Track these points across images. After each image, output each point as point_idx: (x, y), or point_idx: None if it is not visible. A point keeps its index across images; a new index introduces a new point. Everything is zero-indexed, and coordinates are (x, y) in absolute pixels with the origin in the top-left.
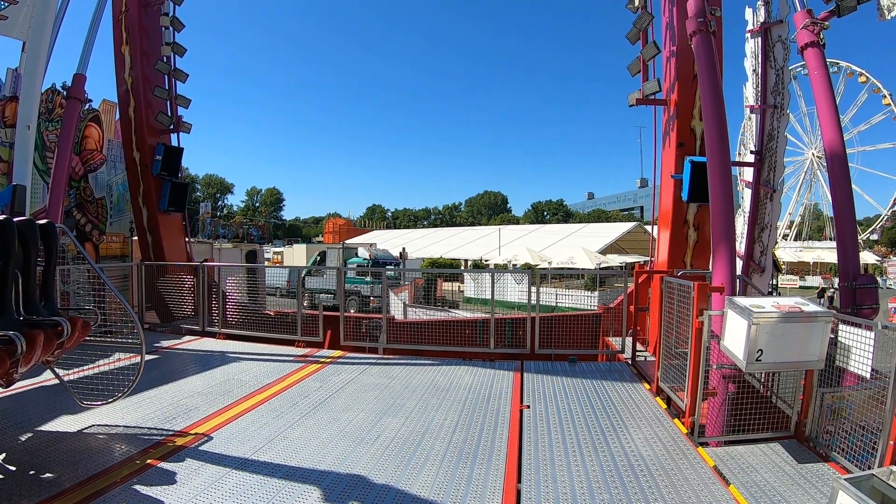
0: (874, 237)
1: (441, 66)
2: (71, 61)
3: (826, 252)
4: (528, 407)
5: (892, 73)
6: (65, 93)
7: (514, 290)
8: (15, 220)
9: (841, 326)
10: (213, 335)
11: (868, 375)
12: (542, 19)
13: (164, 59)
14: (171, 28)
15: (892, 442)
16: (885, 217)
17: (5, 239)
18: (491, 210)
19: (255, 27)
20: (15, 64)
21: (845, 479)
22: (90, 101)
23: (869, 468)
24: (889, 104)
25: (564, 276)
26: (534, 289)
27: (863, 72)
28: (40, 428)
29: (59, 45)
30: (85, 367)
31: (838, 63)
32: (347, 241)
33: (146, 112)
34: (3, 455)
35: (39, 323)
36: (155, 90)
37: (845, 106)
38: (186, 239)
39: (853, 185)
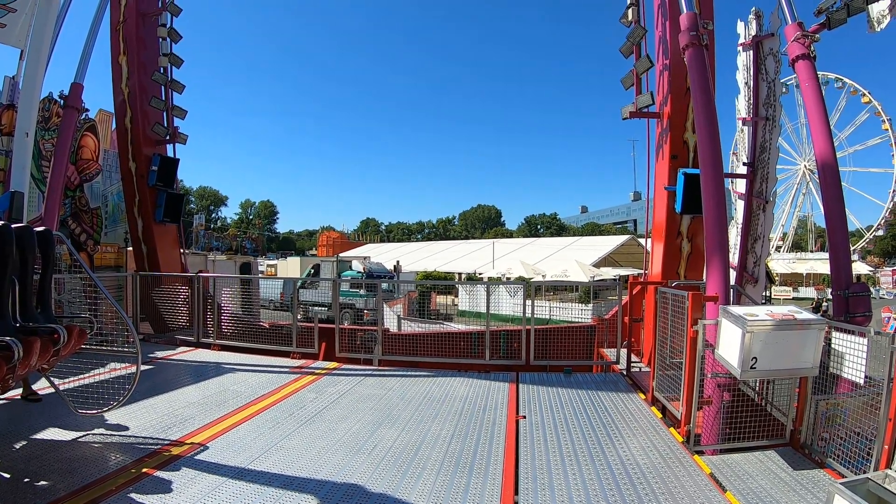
0: (854, 257)
1: (437, 78)
2: (68, 70)
3: (819, 263)
4: (524, 417)
5: (881, 83)
6: (62, 102)
7: (508, 303)
8: (13, 226)
9: (834, 334)
10: (207, 346)
11: (862, 382)
12: (538, 32)
13: (161, 70)
14: (168, 39)
15: (886, 446)
16: (867, 240)
17: (3, 245)
18: (485, 224)
19: (254, 34)
20: (10, 72)
21: (841, 483)
22: (87, 110)
23: (864, 473)
24: (888, 129)
25: (559, 289)
26: (528, 301)
27: (866, 92)
28: (35, 436)
29: (56, 54)
30: (80, 376)
31: (843, 79)
32: (341, 255)
33: (142, 122)
34: None
35: (36, 330)
36: (151, 101)
37: (844, 123)
38: (181, 250)
39: None
